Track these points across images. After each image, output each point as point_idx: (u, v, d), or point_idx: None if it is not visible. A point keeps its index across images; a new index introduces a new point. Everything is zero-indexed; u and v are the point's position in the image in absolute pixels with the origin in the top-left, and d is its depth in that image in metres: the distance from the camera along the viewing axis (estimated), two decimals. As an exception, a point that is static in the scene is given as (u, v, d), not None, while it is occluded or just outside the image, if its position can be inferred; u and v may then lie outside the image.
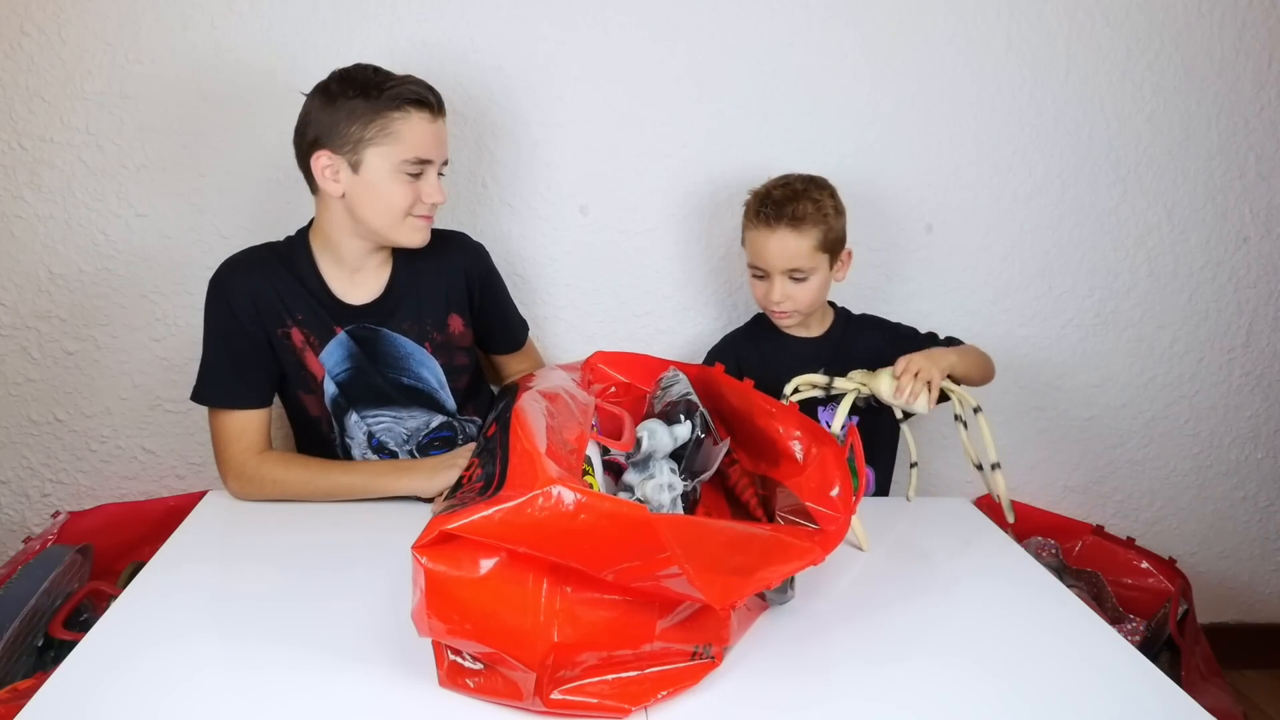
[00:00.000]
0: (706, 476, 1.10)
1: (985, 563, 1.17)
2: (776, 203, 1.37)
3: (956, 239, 1.66)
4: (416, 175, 1.23)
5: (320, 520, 1.22)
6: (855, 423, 1.43)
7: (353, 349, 1.31)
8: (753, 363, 1.48)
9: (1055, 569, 1.53)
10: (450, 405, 1.38)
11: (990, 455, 1.24)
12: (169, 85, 1.47)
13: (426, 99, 1.21)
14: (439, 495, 1.23)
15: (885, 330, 1.50)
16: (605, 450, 1.07)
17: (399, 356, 1.34)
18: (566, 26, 1.52)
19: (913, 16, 1.57)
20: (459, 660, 0.82)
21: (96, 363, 1.55)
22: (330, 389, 1.32)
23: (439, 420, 1.38)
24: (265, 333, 1.28)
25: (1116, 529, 1.66)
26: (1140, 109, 1.65)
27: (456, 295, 1.37)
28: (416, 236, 1.28)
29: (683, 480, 1.05)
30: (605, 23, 1.53)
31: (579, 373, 1.32)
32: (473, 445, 1.27)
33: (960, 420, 1.27)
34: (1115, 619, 1.45)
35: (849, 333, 1.49)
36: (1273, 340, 1.77)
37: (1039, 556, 1.52)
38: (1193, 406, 1.78)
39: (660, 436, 1.06)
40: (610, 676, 0.82)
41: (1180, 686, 0.88)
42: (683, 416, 1.08)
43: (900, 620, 1.00)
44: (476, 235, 1.44)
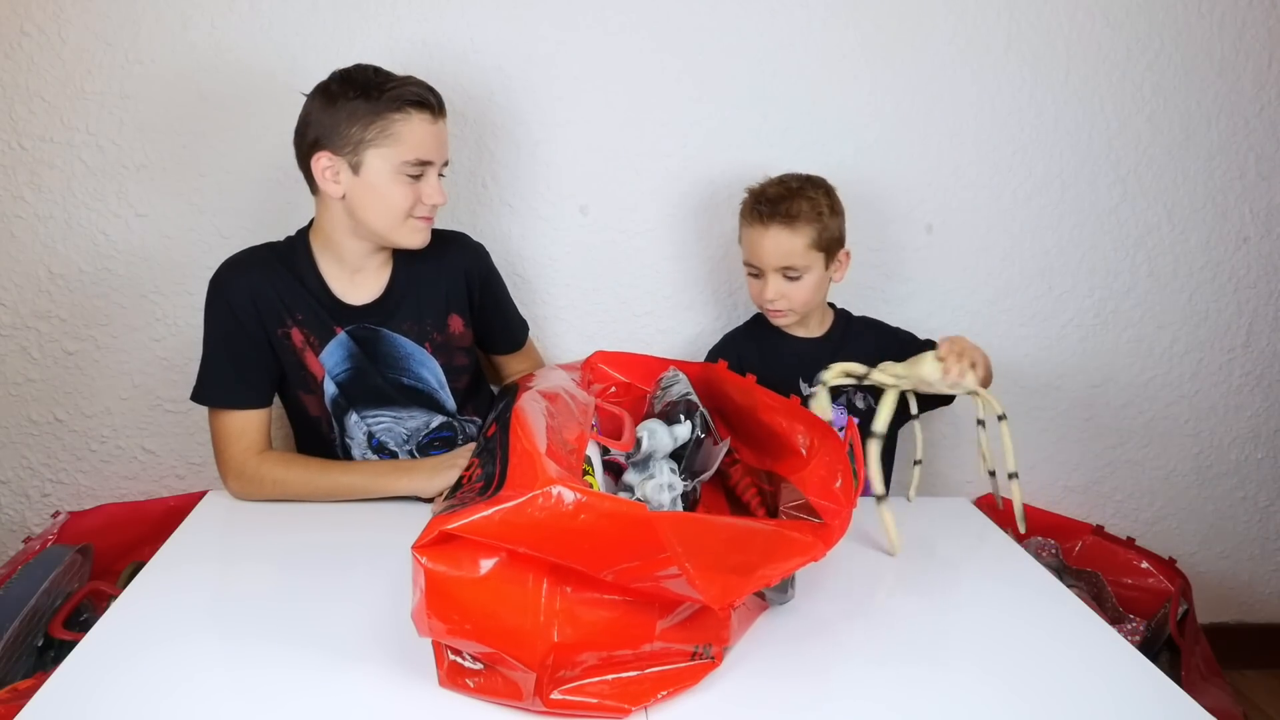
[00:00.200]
0: (706, 476, 1.10)
1: (985, 563, 1.17)
2: (771, 200, 1.37)
3: (956, 239, 1.66)
4: (417, 176, 1.23)
5: (320, 520, 1.22)
6: (856, 421, 1.43)
7: (353, 349, 1.31)
8: (753, 361, 1.48)
9: (1055, 569, 1.53)
10: (450, 405, 1.38)
11: (1009, 464, 1.21)
12: (169, 85, 1.47)
13: (427, 100, 1.21)
14: (439, 495, 1.23)
15: (885, 333, 1.50)
16: (605, 450, 1.07)
17: (399, 357, 1.34)
18: (566, 26, 1.52)
19: (913, 16, 1.57)
20: (459, 660, 0.82)
21: (96, 363, 1.55)
22: (330, 389, 1.32)
23: (439, 420, 1.38)
24: (265, 333, 1.28)
25: (1116, 529, 1.66)
26: (1140, 109, 1.65)
27: (457, 296, 1.37)
28: (417, 238, 1.28)
29: (683, 480, 1.05)
30: (605, 23, 1.53)
31: (579, 373, 1.32)
32: (473, 445, 1.28)
33: (981, 424, 1.25)
34: (1115, 619, 1.45)
35: (849, 334, 1.49)
36: (1273, 340, 1.77)
37: (1039, 556, 1.52)
38: (1193, 406, 1.78)
39: (660, 436, 1.06)
40: (610, 676, 0.82)
41: (1180, 686, 0.88)
42: (683, 416, 1.08)
43: (900, 620, 1.00)
44: (476, 235, 1.44)
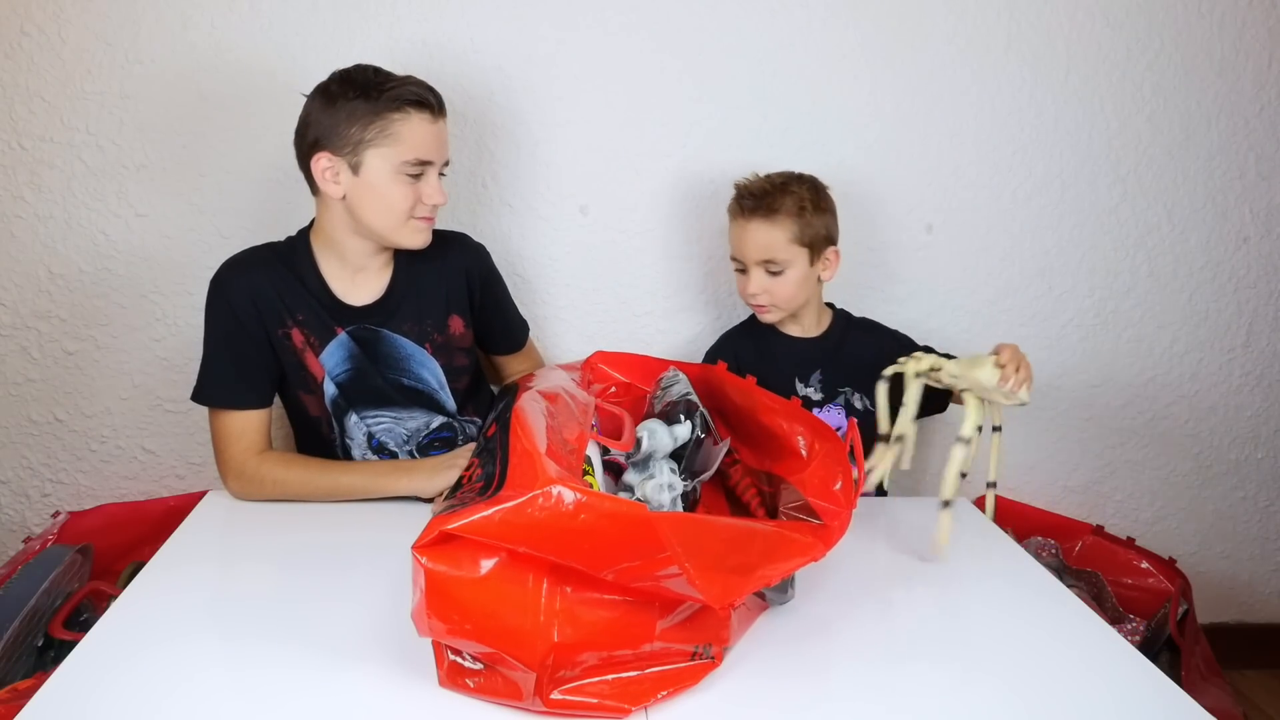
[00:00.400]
0: (706, 476, 1.10)
1: (985, 563, 1.17)
2: (754, 194, 1.39)
3: (956, 239, 1.66)
4: (417, 176, 1.23)
5: (320, 520, 1.22)
6: (856, 420, 1.43)
7: (353, 350, 1.31)
8: (749, 360, 1.48)
9: (1055, 569, 1.53)
10: (450, 406, 1.38)
11: (990, 474, 1.21)
12: (169, 85, 1.47)
13: (426, 100, 1.21)
14: (439, 495, 1.23)
15: (883, 335, 1.50)
16: (605, 450, 1.07)
17: (399, 357, 1.34)
18: (566, 26, 1.52)
19: (913, 16, 1.57)
20: (459, 660, 0.82)
21: (96, 363, 1.55)
22: (330, 390, 1.32)
23: (439, 421, 1.38)
24: (266, 333, 1.28)
25: (1116, 529, 1.66)
26: (1140, 109, 1.65)
27: (457, 296, 1.37)
28: (418, 238, 1.28)
29: (683, 480, 1.05)
30: (605, 23, 1.53)
31: (579, 373, 1.32)
32: (473, 445, 1.27)
33: (997, 430, 1.21)
34: (1115, 619, 1.45)
35: (848, 335, 1.49)
36: (1273, 340, 1.77)
37: (1039, 556, 1.52)
38: (1193, 406, 1.78)
39: (660, 436, 1.06)
40: (610, 676, 0.82)
41: (1180, 686, 0.88)
42: (683, 416, 1.08)
43: (900, 620, 1.00)
44: (477, 235, 1.44)
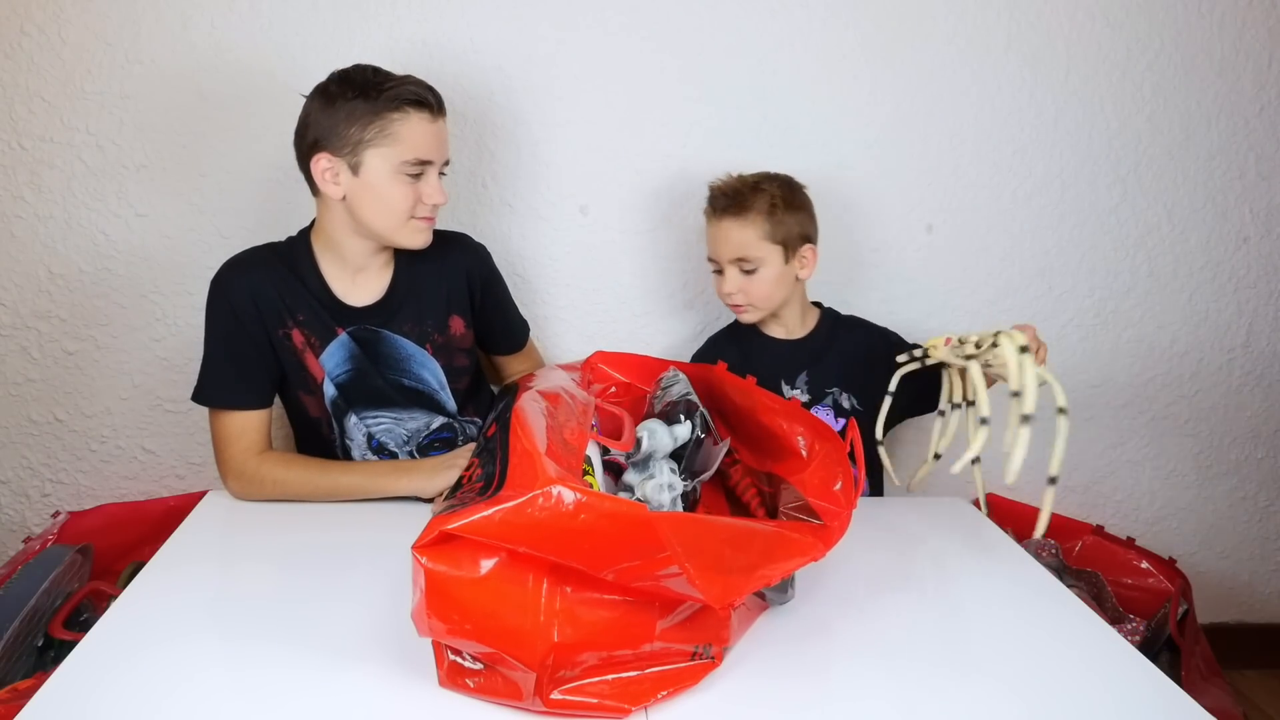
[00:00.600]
0: (706, 476, 1.10)
1: (985, 563, 1.17)
2: (725, 194, 1.40)
3: (956, 239, 1.66)
4: (417, 176, 1.23)
5: (320, 520, 1.22)
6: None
7: (354, 350, 1.31)
8: (734, 364, 1.47)
9: (1055, 569, 1.53)
10: (450, 406, 1.38)
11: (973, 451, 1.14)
12: (169, 85, 1.47)
13: (426, 99, 1.21)
14: (439, 495, 1.23)
15: (872, 334, 1.50)
16: (605, 450, 1.07)
17: (400, 358, 1.34)
18: (566, 27, 1.52)
19: (913, 16, 1.57)
20: (459, 660, 0.82)
21: (96, 363, 1.55)
22: (330, 390, 1.32)
23: (439, 421, 1.38)
24: (266, 333, 1.28)
25: (1116, 529, 1.66)
26: (1140, 109, 1.65)
27: (458, 297, 1.37)
28: (418, 238, 1.28)
29: (683, 480, 1.05)
30: (605, 23, 1.53)
31: (579, 373, 1.32)
32: (473, 445, 1.27)
33: (970, 403, 1.22)
34: (1115, 619, 1.45)
35: (834, 334, 1.49)
36: (1273, 340, 1.77)
37: (1039, 556, 1.52)
38: (1193, 406, 1.78)
39: (660, 436, 1.06)
40: (610, 676, 0.81)
41: (1180, 686, 0.88)
42: (683, 416, 1.08)
43: (900, 620, 1.00)
44: (477, 235, 1.44)
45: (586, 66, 1.54)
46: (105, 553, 1.35)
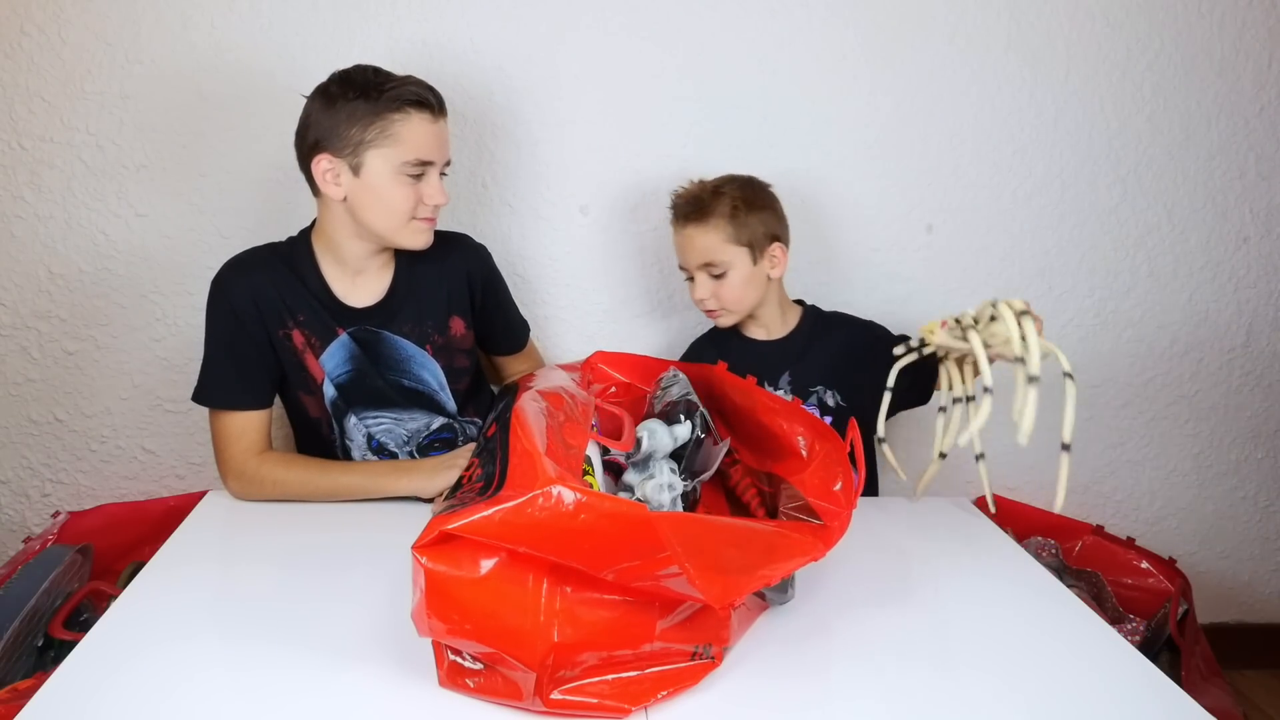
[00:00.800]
0: (706, 476, 1.10)
1: (985, 563, 1.17)
2: (686, 200, 1.39)
3: (956, 239, 1.66)
4: (418, 177, 1.22)
5: (320, 521, 1.22)
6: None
7: (354, 351, 1.31)
8: None
9: (1055, 569, 1.53)
10: (451, 407, 1.38)
11: (977, 447, 1.17)
12: (169, 85, 1.47)
13: (427, 100, 1.21)
14: (439, 495, 1.23)
15: (858, 328, 1.49)
16: (605, 450, 1.07)
17: (400, 359, 1.34)
18: (566, 26, 1.52)
19: (913, 16, 1.57)
20: (459, 660, 0.82)
21: (96, 363, 1.55)
22: (330, 391, 1.32)
23: (439, 422, 1.38)
24: (267, 333, 1.28)
25: (1116, 529, 1.66)
26: (1140, 109, 1.65)
27: (458, 298, 1.37)
28: (419, 239, 1.28)
29: (683, 480, 1.05)
30: (605, 23, 1.53)
31: (579, 373, 1.32)
32: (473, 445, 1.27)
33: (970, 399, 1.22)
34: (1115, 619, 1.45)
35: (817, 331, 1.48)
36: (1273, 340, 1.77)
37: (1039, 556, 1.52)
38: (1193, 406, 1.78)
39: (660, 436, 1.06)
40: (610, 676, 0.81)
41: (1180, 686, 0.88)
42: (683, 416, 1.08)
43: (900, 620, 1.00)
44: (477, 236, 1.44)
45: (586, 66, 1.54)
46: (105, 553, 1.35)
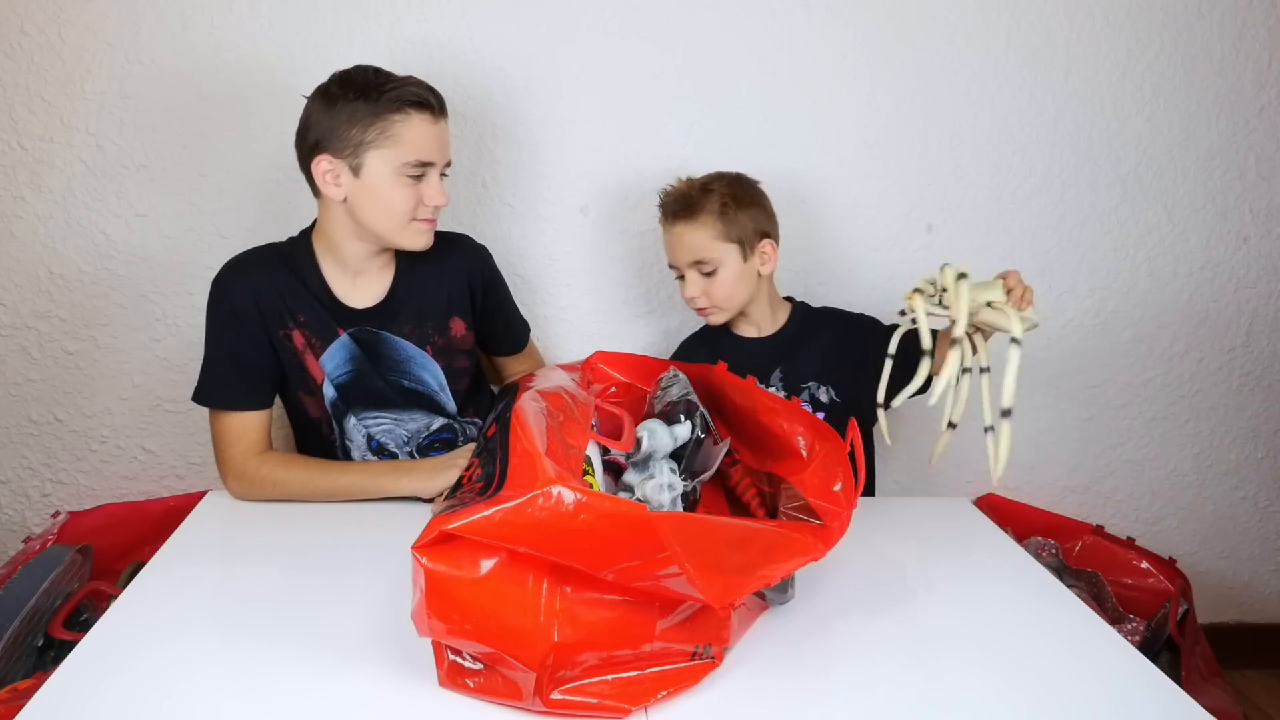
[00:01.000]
0: (706, 476, 1.10)
1: (985, 563, 1.17)
2: (675, 198, 1.39)
3: (956, 239, 1.66)
4: (418, 178, 1.22)
5: (320, 521, 1.22)
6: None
7: (354, 351, 1.31)
8: None
9: (1055, 569, 1.53)
10: (451, 407, 1.38)
11: (1007, 400, 1.09)
12: (169, 85, 1.47)
13: (427, 100, 1.21)
14: (439, 495, 1.23)
15: (847, 321, 1.48)
16: (605, 450, 1.07)
17: (400, 360, 1.34)
18: (566, 27, 1.52)
19: (913, 16, 1.57)
20: (459, 660, 0.82)
21: (96, 363, 1.55)
22: (329, 392, 1.32)
23: (439, 422, 1.38)
24: (267, 334, 1.28)
25: (1116, 529, 1.66)
26: (1140, 109, 1.65)
27: (459, 299, 1.36)
28: (420, 240, 1.28)
29: (683, 480, 1.05)
30: (605, 23, 1.53)
31: (579, 373, 1.32)
32: (473, 445, 1.27)
33: (969, 371, 1.16)
34: (1115, 619, 1.45)
35: (808, 327, 1.47)
36: (1273, 340, 1.77)
37: (1039, 556, 1.53)
38: (1193, 406, 1.78)
39: (660, 436, 1.06)
40: (610, 676, 0.82)
41: (1180, 686, 0.88)
42: (683, 416, 1.08)
43: (900, 620, 1.00)
44: (477, 236, 1.44)
45: (586, 66, 1.54)
46: (105, 553, 1.35)
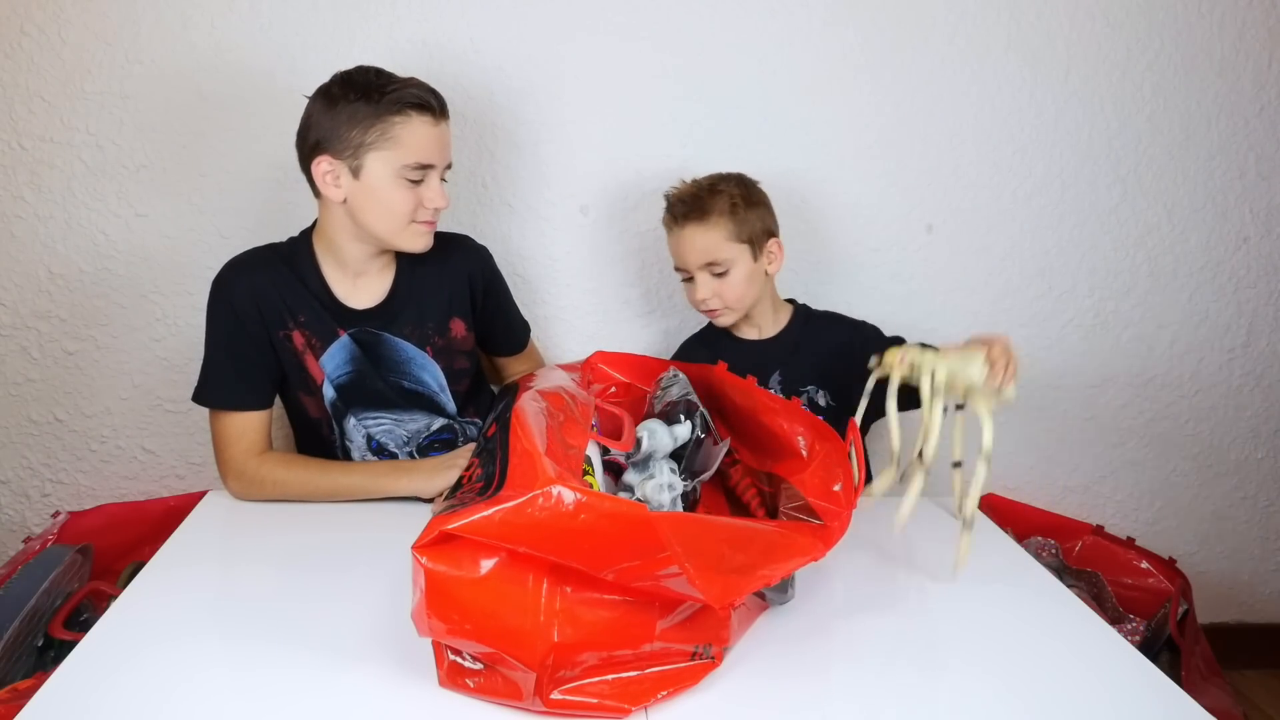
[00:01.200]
0: (706, 476, 1.10)
1: (985, 563, 1.17)
2: (684, 200, 1.38)
3: (956, 239, 1.66)
4: (418, 180, 1.22)
5: (320, 521, 1.22)
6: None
7: (354, 352, 1.31)
8: None
9: (1055, 569, 1.53)
10: (451, 408, 1.38)
11: (956, 452, 1.15)
12: (169, 85, 1.47)
13: (428, 102, 1.20)
14: (439, 495, 1.23)
15: (848, 328, 1.48)
16: (605, 450, 1.07)
17: (400, 360, 1.34)
18: (566, 26, 1.52)
19: (913, 16, 1.57)
20: (459, 660, 0.82)
21: (96, 363, 1.55)
22: (329, 392, 1.32)
23: (439, 423, 1.38)
24: (267, 334, 1.28)
25: (1116, 529, 1.66)
26: (1140, 109, 1.65)
27: (459, 299, 1.36)
28: (419, 242, 1.27)
29: (683, 480, 1.05)
30: (605, 22, 1.53)
31: (579, 373, 1.32)
32: (473, 445, 1.27)
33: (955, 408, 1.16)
34: (1115, 619, 1.45)
35: (806, 332, 1.47)
36: (1273, 340, 1.77)
37: (1039, 556, 1.52)
38: (1193, 406, 1.78)
39: (660, 436, 1.06)
40: (610, 676, 0.82)
41: (1180, 686, 0.88)
42: (683, 416, 1.08)
43: (900, 620, 1.00)
44: (477, 236, 1.44)
45: (586, 67, 1.54)
46: (105, 553, 1.35)
